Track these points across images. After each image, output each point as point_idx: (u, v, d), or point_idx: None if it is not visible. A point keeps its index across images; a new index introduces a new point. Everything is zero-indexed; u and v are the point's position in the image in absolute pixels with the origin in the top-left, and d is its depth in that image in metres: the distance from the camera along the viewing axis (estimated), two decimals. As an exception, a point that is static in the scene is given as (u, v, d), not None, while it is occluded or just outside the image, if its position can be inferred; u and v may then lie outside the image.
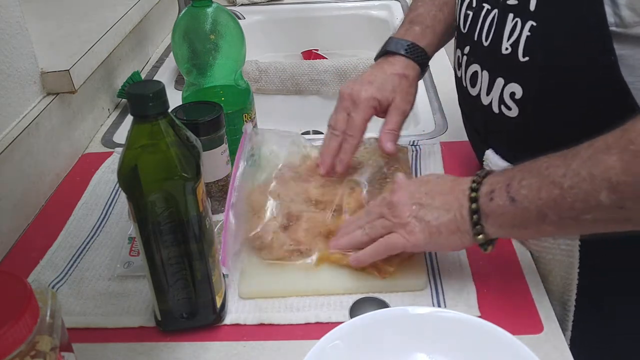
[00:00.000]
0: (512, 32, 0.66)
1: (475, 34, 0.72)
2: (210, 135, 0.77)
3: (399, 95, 0.80)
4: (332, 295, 0.69)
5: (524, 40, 0.64)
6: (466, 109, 0.82)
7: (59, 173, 0.95)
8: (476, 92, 0.73)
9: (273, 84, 1.39)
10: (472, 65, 0.74)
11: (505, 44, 0.66)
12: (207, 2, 0.83)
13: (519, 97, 0.67)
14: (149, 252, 0.60)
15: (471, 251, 0.74)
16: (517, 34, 0.65)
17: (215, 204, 0.83)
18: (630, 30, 0.56)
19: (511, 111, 0.68)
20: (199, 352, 0.64)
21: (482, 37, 0.71)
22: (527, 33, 0.64)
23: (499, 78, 0.69)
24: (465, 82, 0.76)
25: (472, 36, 0.73)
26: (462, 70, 0.77)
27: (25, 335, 0.44)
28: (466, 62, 0.75)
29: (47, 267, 0.76)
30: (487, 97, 0.71)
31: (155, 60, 1.38)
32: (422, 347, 0.59)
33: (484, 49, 0.71)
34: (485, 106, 0.72)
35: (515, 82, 0.67)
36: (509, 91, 0.68)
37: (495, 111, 0.70)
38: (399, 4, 1.62)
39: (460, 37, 0.78)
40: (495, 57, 0.68)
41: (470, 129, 0.84)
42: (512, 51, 0.66)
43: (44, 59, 0.95)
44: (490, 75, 0.70)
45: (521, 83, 0.66)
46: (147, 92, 0.54)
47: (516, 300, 0.67)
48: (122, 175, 0.57)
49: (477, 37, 0.72)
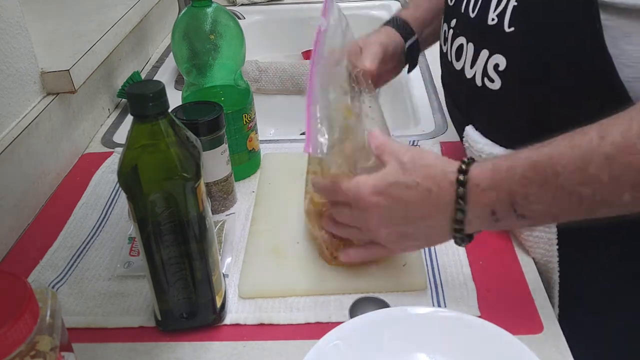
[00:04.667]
0: (499, 2, 0.65)
1: (462, 6, 0.73)
2: (210, 135, 0.77)
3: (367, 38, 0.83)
4: (332, 295, 0.69)
5: (510, 10, 0.64)
6: (449, 84, 0.82)
7: (59, 173, 0.95)
8: (460, 66, 0.73)
9: (273, 84, 1.40)
10: (458, 38, 0.74)
11: (492, 15, 0.66)
12: (207, 2, 0.83)
13: (503, 69, 0.66)
14: (149, 252, 0.60)
15: (471, 251, 0.74)
16: (504, 4, 0.65)
17: (215, 204, 0.83)
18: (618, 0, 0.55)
19: (494, 83, 0.67)
20: (199, 352, 0.64)
21: (469, 9, 0.71)
22: (513, 3, 0.63)
23: (484, 50, 0.68)
24: (451, 56, 0.76)
25: (459, 8, 0.73)
26: (447, 45, 0.77)
27: (25, 335, 0.44)
28: (452, 35, 0.75)
29: (47, 267, 0.76)
30: (471, 70, 0.71)
31: (155, 60, 1.38)
32: (422, 347, 0.59)
33: (471, 20, 0.71)
34: (468, 80, 0.71)
35: (499, 53, 0.66)
36: (493, 63, 0.67)
37: (478, 84, 0.70)
38: (399, 4, 1.62)
39: (447, 10, 0.78)
40: (481, 28, 0.68)
41: (452, 105, 0.84)
42: (498, 22, 0.65)
43: (44, 59, 0.95)
44: (476, 47, 0.70)
45: (505, 54, 0.66)
46: (147, 92, 0.54)
47: (516, 300, 0.67)
48: (122, 175, 0.57)
49: (464, 9, 0.72)
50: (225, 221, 0.80)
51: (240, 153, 0.88)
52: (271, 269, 0.72)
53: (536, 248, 0.71)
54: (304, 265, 0.72)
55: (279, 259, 0.73)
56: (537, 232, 0.69)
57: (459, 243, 0.60)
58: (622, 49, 0.57)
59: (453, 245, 0.75)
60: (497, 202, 0.55)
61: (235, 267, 0.74)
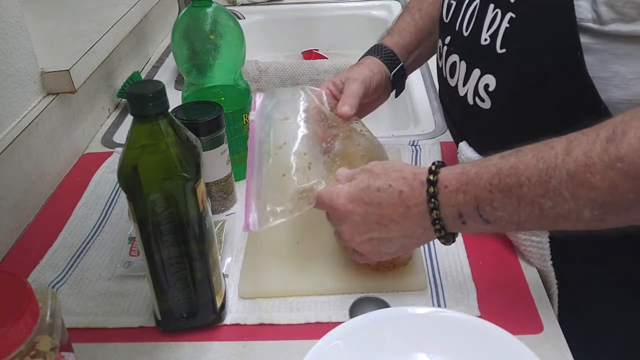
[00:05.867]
0: (492, 23, 0.66)
1: (456, 24, 0.73)
2: (210, 135, 0.77)
3: (350, 73, 0.82)
4: (332, 295, 0.69)
5: (502, 32, 0.64)
6: (445, 99, 0.83)
7: (59, 173, 0.95)
8: (454, 83, 0.74)
9: (273, 84, 1.39)
10: (452, 55, 0.74)
11: (485, 35, 0.67)
12: (207, 2, 0.83)
13: (492, 90, 0.66)
14: (149, 252, 0.60)
15: (471, 251, 0.74)
16: (497, 25, 0.65)
17: (215, 204, 0.83)
18: (605, 27, 0.56)
19: (484, 103, 0.68)
20: (199, 352, 0.64)
21: (462, 27, 0.71)
22: (506, 25, 0.64)
23: (476, 69, 0.69)
24: (445, 72, 0.76)
25: (453, 26, 0.73)
26: (442, 61, 0.77)
27: (25, 335, 0.44)
28: (446, 52, 0.76)
29: (47, 267, 0.76)
30: (464, 87, 0.71)
31: (155, 60, 1.39)
32: (422, 347, 0.59)
33: (464, 39, 0.71)
34: (461, 97, 0.72)
35: (490, 73, 0.67)
36: (484, 83, 0.67)
37: (470, 102, 0.70)
38: (399, 4, 1.62)
39: (442, 27, 0.78)
40: (474, 47, 0.68)
41: (449, 121, 0.85)
42: (490, 42, 0.66)
43: (44, 59, 0.95)
44: (468, 65, 0.70)
45: (496, 75, 0.66)
46: (147, 92, 0.54)
47: (516, 300, 0.67)
48: (122, 175, 0.57)
49: (458, 27, 0.72)
50: (225, 221, 0.80)
51: (240, 153, 0.88)
52: (271, 269, 0.72)
53: (530, 252, 0.71)
54: (304, 265, 0.72)
55: (279, 259, 0.73)
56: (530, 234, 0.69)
57: (443, 242, 0.60)
58: (614, 71, 0.58)
59: (453, 245, 0.75)
60: (464, 204, 0.56)
61: (235, 267, 0.74)
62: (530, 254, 0.71)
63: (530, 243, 0.70)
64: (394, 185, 0.60)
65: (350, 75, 0.81)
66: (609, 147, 0.48)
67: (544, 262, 0.69)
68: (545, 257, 0.69)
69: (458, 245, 0.74)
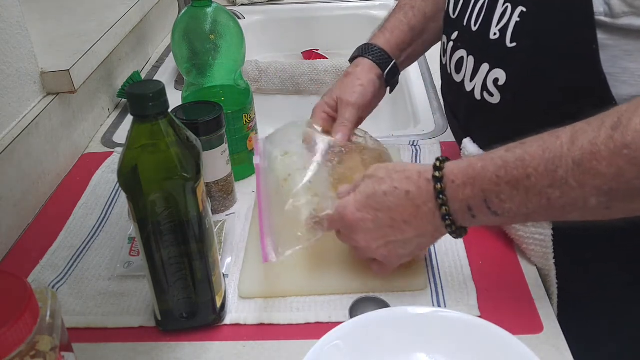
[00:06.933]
0: (502, 17, 0.65)
1: (464, 19, 0.72)
2: (210, 135, 0.77)
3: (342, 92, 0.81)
4: (332, 295, 0.69)
5: (512, 26, 0.64)
6: (449, 96, 0.83)
7: (59, 173, 0.95)
8: (460, 79, 0.73)
9: (273, 84, 1.40)
10: (459, 51, 0.74)
11: (494, 29, 0.66)
12: (207, 2, 0.83)
13: (502, 84, 0.66)
14: (149, 252, 0.60)
15: (471, 251, 0.74)
16: (507, 19, 0.65)
17: (215, 204, 0.83)
18: (617, 20, 0.56)
19: (493, 97, 0.68)
20: (199, 352, 0.64)
21: (471, 22, 0.71)
22: (516, 19, 0.63)
23: (485, 64, 0.68)
24: (450, 68, 0.76)
25: (461, 21, 0.73)
26: (447, 57, 0.77)
27: (25, 335, 0.44)
28: (452, 48, 0.75)
29: (47, 267, 0.76)
30: (471, 83, 0.71)
31: (155, 60, 1.39)
32: (422, 347, 0.59)
33: (473, 34, 0.71)
34: (468, 92, 0.72)
35: (500, 67, 0.66)
36: (493, 77, 0.67)
37: (477, 97, 0.70)
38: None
39: (448, 23, 0.78)
40: (482, 42, 0.68)
41: (451, 117, 0.84)
42: (500, 36, 0.65)
43: (44, 59, 0.95)
44: (476, 60, 0.70)
45: (506, 69, 0.66)
46: (147, 92, 0.54)
47: (516, 300, 0.67)
48: (122, 175, 0.57)
49: (467, 22, 0.72)
50: (225, 221, 0.80)
51: (240, 153, 0.88)
52: (271, 268, 0.72)
53: (532, 250, 0.71)
54: (304, 265, 0.72)
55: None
56: (532, 232, 0.69)
57: (454, 236, 0.60)
58: (623, 67, 0.58)
59: (453, 245, 0.75)
60: (472, 198, 0.56)
61: (235, 267, 0.74)
62: (532, 252, 0.71)
63: (532, 241, 0.70)
64: (400, 187, 0.60)
65: (343, 97, 0.80)
66: (614, 135, 0.48)
67: (546, 260, 0.69)
68: (548, 255, 0.69)
69: (458, 245, 0.74)
